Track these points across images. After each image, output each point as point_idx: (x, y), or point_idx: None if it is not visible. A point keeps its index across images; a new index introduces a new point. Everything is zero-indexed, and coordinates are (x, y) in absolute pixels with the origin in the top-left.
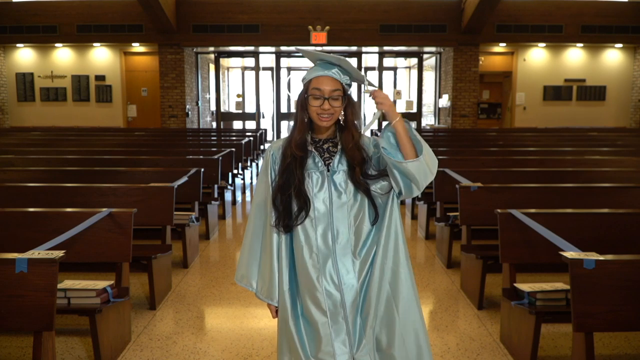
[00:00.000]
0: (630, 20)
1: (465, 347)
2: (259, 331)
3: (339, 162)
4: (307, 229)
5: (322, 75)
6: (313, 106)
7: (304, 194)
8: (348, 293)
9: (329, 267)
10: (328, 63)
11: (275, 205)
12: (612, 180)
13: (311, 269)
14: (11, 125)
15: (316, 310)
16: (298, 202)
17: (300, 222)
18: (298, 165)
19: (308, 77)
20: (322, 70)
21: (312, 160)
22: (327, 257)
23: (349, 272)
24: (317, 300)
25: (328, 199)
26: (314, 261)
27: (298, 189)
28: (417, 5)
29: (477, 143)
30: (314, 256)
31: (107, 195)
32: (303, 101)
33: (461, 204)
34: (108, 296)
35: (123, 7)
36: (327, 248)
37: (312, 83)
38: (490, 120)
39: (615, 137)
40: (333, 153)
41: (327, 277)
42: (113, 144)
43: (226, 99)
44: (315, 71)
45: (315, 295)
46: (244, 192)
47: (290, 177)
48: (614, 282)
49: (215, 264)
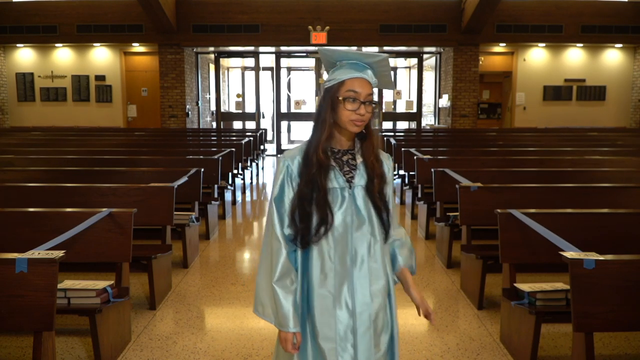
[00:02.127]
0: (630, 20)
1: (465, 347)
2: (259, 331)
3: (361, 178)
4: (323, 248)
5: (358, 77)
6: (347, 110)
7: (328, 207)
8: (361, 320)
9: (345, 292)
10: (363, 64)
11: (293, 220)
12: (612, 180)
13: (325, 292)
14: (11, 125)
15: (325, 335)
16: (319, 215)
17: (320, 237)
18: (323, 175)
19: (340, 77)
20: (357, 72)
21: (333, 174)
22: (343, 280)
23: (365, 297)
24: (327, 325)
25: (349, 218)
26: (328, 284)
27: (322, 201)
28: (417, 5)
29: (477, 143)
30: (329, 279)
31: (107, 195)
32: (334, 103)
33: (461, 204)
34: (108, 296)
35: (123, 7)
36: (344, 270)
37: (346, 85)
38: (490, 120)
39: (615, 137)
40: (353, 166)
41: (342, 301)
42: (113, 144)
43: (226, 99)
44: (350, 71)
45: (327, 319)
46: (244, 192)
47: (314, 188)
48: (614, 282)
49: (215, 264)
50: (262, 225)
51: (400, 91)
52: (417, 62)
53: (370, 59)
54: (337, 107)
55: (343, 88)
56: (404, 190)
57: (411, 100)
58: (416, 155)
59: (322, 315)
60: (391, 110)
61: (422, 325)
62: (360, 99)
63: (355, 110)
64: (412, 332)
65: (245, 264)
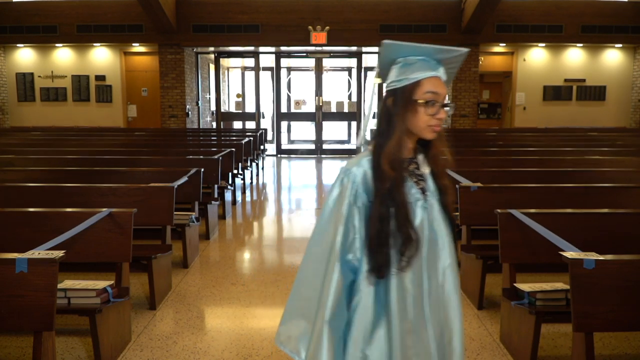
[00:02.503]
0: (630, 20)
1: (465, 347)
2: (259, 331)
3: (432, 189)
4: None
5: (434, 77)
6: (427, 115)
7: (410, 225)
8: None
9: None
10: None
11: (371, 247)
12: (612, 180)
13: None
14: (11, 125)
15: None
16: (403, 235)
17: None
18: (401, 189)
19: (415, 77)
20: (432, 70)
21: (408, 187)
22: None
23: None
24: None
25: (426, 237)
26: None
27: (403, 219)
28: (417, 5)
29: (477, 143)
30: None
31: (107, 195)
32: (410, 106)
33: (461, 204)
34: (108, 296)
35: (123, 7)
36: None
37: (423, 85)
38: (490, 120)
39: (615, 137)
40: (420, 177)
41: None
42: (113, 144)
43: (226, 99)
44: (424, 69)
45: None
46: (244, 192)
47: (391, 204)
48: (614, 282)
49: (215, 264)
50: (262, 224)
51: None
52: None
53: (448, 54)
54: (413, 111)
55: (420, 89)
56: None
57: None
58: None
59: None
60: None
61: None
62: (440, 102)
63: (435, 114)
64: None
65: (245, 264)
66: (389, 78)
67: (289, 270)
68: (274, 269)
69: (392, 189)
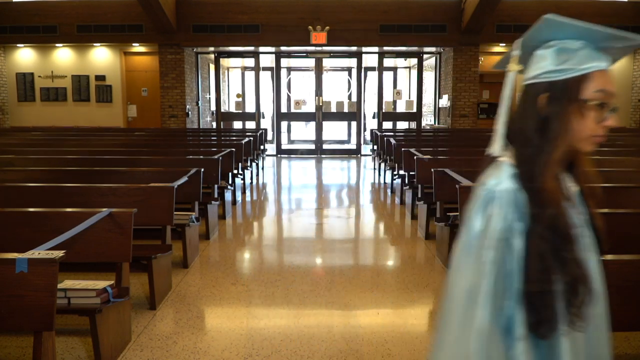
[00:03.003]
0: (630, 20)
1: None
2: (259, 331)
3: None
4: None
5: (605, 70)
6: (595, 121)
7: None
8: None
9: None
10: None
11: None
12: (612, 180)
13: None
14: (11, 125)
15: None
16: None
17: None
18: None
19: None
20: (602, 60)
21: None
22: None
23: None
24: None
25: None
26: None
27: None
28: (417, 5)
29: (477, 143)
30: None
31: (107, 195)
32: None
33: (461, 204)
34: (108, 296)
35: (123, 7)
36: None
37: (593, 80)
38: (490, 120)
39: (615, 137)
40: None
41: None
42: (113, 144)
43: (226, 99)
44: (593, 59)
45: None
46: (244, 192)
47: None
48: (614, 282)
49: (215, 264)
50: (262, 224)
51: (400, 91)
52: (417, 62)
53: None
54: (578, 115)
55: (589, 86)
56: (404, 190)
57: (411, 100)
58: (416, 155)
59: None
60: (391, 110)
61: (422, 325)
62: (611, 105)
63: (602, 121)
64: (412, 332)
65: (246, 264)
66: (537, 66)
67: (289, 270)
68: (274, 269)
69: (556, 217)
